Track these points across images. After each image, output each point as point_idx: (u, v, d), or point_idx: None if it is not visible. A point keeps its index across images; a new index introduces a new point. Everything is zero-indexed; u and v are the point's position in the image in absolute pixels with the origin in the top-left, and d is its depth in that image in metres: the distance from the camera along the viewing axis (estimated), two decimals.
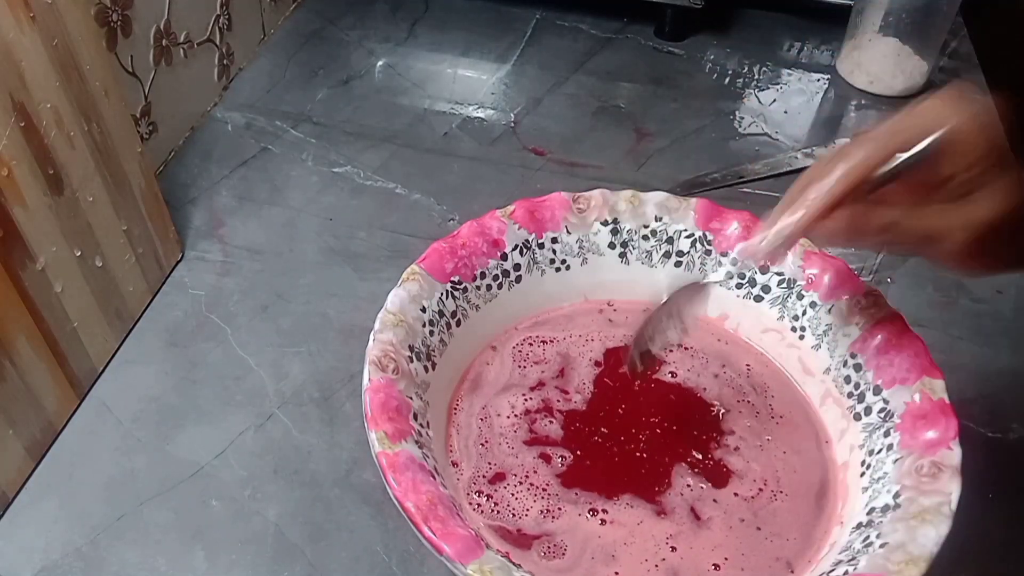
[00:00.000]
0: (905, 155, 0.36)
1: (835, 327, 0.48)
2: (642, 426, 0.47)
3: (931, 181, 0.37)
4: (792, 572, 0.42)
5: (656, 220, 0.51)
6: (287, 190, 0.68)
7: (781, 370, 0.50)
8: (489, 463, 0.46)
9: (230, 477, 0.50)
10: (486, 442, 0.47)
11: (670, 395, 0.49)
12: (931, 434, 0.41)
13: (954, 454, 0.40)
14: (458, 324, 0.48)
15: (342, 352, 0.57)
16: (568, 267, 0.52)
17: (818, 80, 0.81)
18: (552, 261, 0.52)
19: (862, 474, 0.43)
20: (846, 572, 0.38)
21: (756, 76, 0.82)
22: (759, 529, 0.43)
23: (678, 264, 0.52)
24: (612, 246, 0.52)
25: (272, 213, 0.66)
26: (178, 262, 0.62)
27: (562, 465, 0.46)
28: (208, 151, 0.71)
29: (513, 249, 0.50)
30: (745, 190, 0.69)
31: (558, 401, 0.48)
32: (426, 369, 0.45)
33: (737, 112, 0.77)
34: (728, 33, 0.87)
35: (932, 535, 0.37)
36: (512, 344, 0.51)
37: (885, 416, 0.44)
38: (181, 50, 0.70)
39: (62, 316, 0.50)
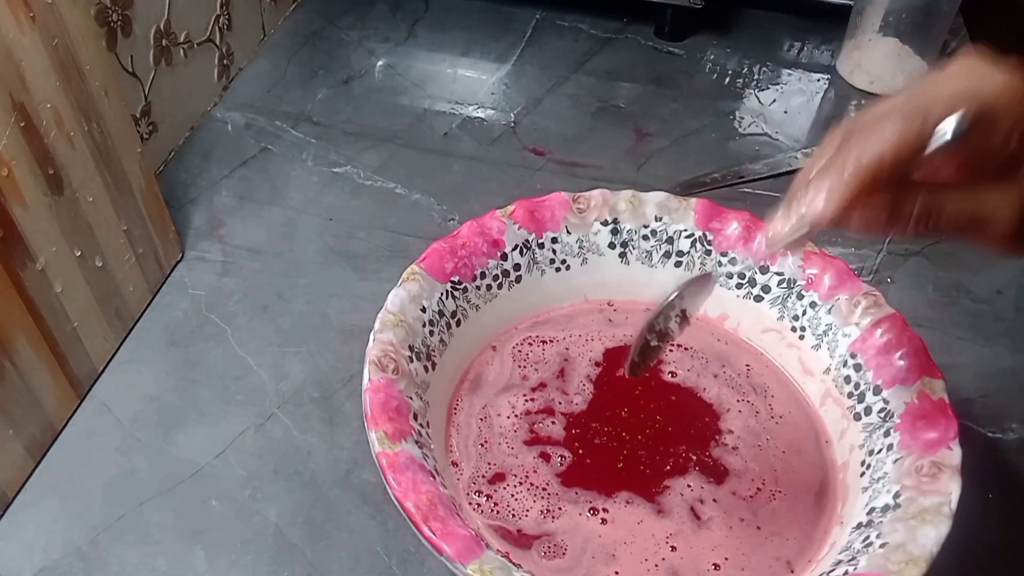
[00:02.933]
0: (949, 127, 0.31)
1: (835, 327, 0.48)
2: (642, 426, 0.47)
3: (975, 156, 0.32)
4: (792, 572, 0.42)
5: (656, 220, 0.51)
6: (287, 190, 0.68)
7: (781, 370, 0.50)
8: (489, 463, 0.46)
9: (230, 477, 0.50)
10: (486, 442, 0.47)
11: (670, 395, 0.49)
12: (931, 434, 0.41)
13: (954, 454, 0.40)
14: (458, 324, 0.48)
15: (342, 352, 0.57)
16: (568, 267, 0.52)
17: (818, 80, 0.81)
18: (552, 261, 0.52)
19: (862, 474, 0.43)
20: (846, 572, 0.38)
21: (756, 76, 0.82)
22: (759, 529, 0.43)
23: (678, 264, 0.52)
24: (612, 246, 0.52)
25: (272, 213, 0.66)
26: (178, 262, 0.62)
27: (562, 465, 0.46)
28: (208, 151, 0.71)
29: (513, 249, 0.50)
30: (745, 190, 0.69)
31: (558, 402, 0.48)
32: (426, 369, 0.45)
33: (737, 112, 0.77)
34: (728, 33, 0.87)
35: (932, 535, 0.37)
36: (512, 344, 0.51)
37: (885, 416, 0.44)
38: (181, 50, 0.70)
39: (62, 316, 0.50)
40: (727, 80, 0.81)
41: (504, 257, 0.50)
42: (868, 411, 0.45)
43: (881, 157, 0.31)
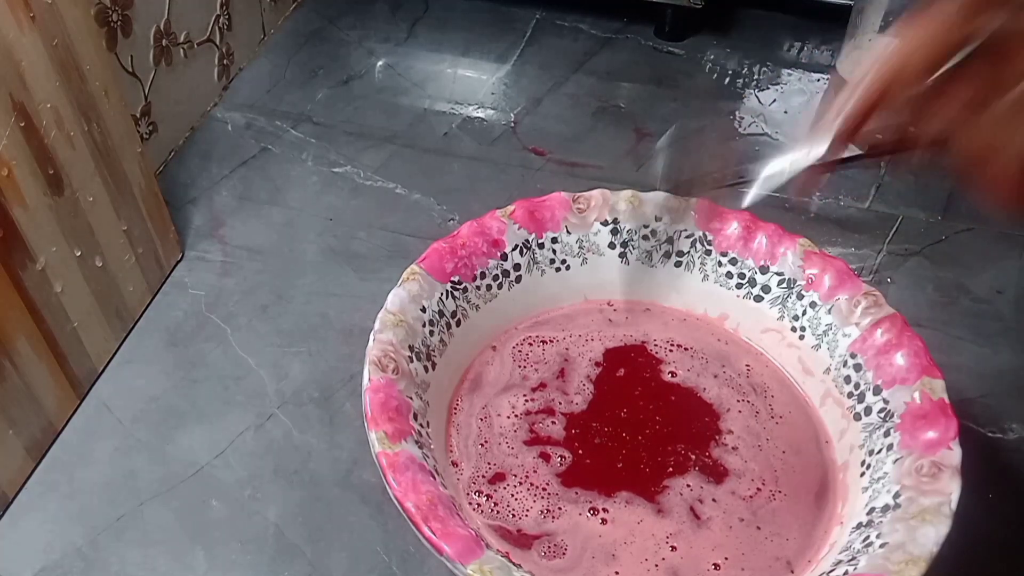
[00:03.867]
0: (966, 49, 0.31)
1: (835, 327, 0.48)
2: (642, 426, 0.47)
3: (992, 81, 0.32)
4: (792, 572, 0.42)
5: (656, 220, 0.51)
6: (287, 190, 0.68)
7: (781, 370, 0.50)
8: (489, 463, 0.46)
9: (230, 477, 0.50)
10: (486, 442, 0.47)
11: (670, 395, 0.49)
12: (931, 434, 0.41)
13: (954, 454, 0.40)
14: (458, 324, 0.48)
15: (342, 352, 0.57)
16: (568, 267, 0.52)
17: (818, 80, 0.81)
18: (552, 261, 0.52)
19: (862, 474, 0.43)
20: (846, 572, 0.38)
21: (756, 76, 0.82)
22: (759, 529, 0.43)
23: (678, 264, 0.52)
24: (612, 246, 0.52)
25: (272, 213, 0.66)
26: (178, 262, 0.62)
27: (562, 465, 0.46)
28: (208, 151, 0.71)
29: (513, 249, 0.50)
30: (745, 190, 0.69)
31: (558, 402, 0.48)
32: (426, 369, 0.45)
33: (737, 112, 0.77)
34: (728, 33, 0.87)
35: (932, 535, 0.37)
36: (512, 344, 0.51)
37: (885, 416, 0.44)
38: (181, 50, 0.70)
39: (62, 316, 0.50)
40: (727, 80, 0.81)
41: (504, 257, 0.50)
42: (868, 411, 0.45)
43: (902, 54, 0.32)
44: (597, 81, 0.80)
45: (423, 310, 0.46)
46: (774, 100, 0.79)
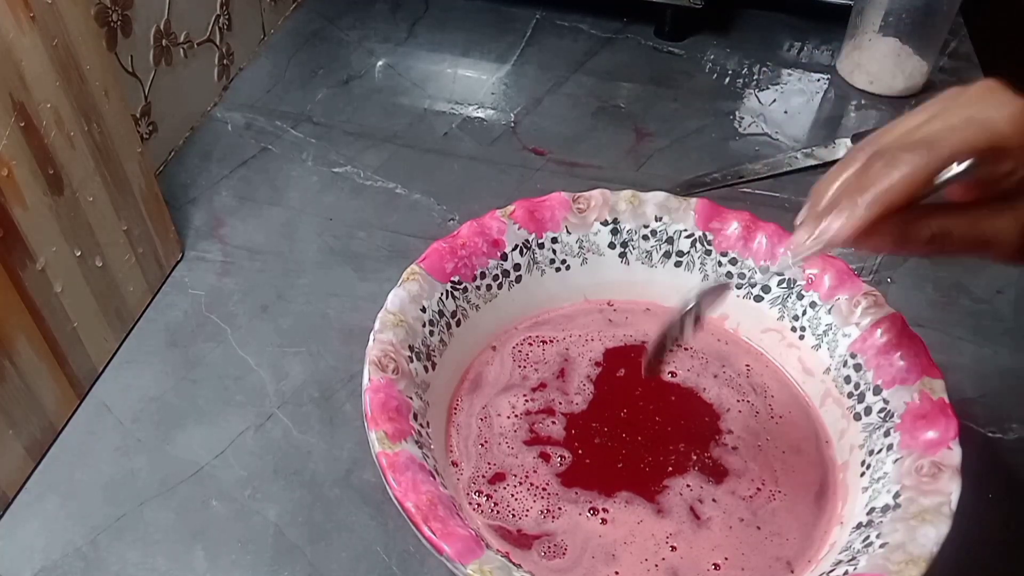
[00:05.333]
0: (963, 164, 0.33)
1: (835, 327, 0.48)
2: (642, 426, 0.47)
3: (983, 182, 0.35)
4: (792, 572, 0.42)
5: (656, 220, 0.51)
6: (287, 190, 0.68)
7: (781, 370, 0.50)
8: (489, 463, 0.46)
9: (230, 477, 0.50)
10: (486, 442, 0.47)
11: (670, 395, 0.49)
12: (931, 434, 0.41)
13: (954, 454, 0.40)
14: (458, 324, 0.48)
15: (342, 352, 0.57)
16: (568, 267, 0.52)
17: (818, 80, 0.81)
18: (552, 261, 0.52)
19: (862, 474, 0.43)
20: (846, 572, 0.38)
21: (756, 76, 0.82)
22: (759, 529, 0.43)
23: (678, 264, 0.52)
24: (612, 246, 0.52)
25: (272, 213, 0.66)
26: (178, 262, 0.62)
27: (562, 465, 0.46)
28: (208, 151, 0.71)
29: (513, 249, 0.50)
30: (745, 190, 0.69)
31: (558, 402, 0.48)
32: (426, 369, 0.45)
33: (737, 112, 0.77)
34: (728, 33, 0.87)
35: (932, 535, 0.37)
36: (512, 344, 0.51)
37: (885, 416, 0.44)
38: (181, 50, 0.70)
39: (62, 316, 0.50)
40: (727, 80, 0.81)
41: (504, 257, 0.50)
42: (868, 411, 0.45)
43: (895, 190, 0.34)
44: (597, 81, 0.80)
45: (423, 310, 0.46)
46: (774, 100, 0.79)
